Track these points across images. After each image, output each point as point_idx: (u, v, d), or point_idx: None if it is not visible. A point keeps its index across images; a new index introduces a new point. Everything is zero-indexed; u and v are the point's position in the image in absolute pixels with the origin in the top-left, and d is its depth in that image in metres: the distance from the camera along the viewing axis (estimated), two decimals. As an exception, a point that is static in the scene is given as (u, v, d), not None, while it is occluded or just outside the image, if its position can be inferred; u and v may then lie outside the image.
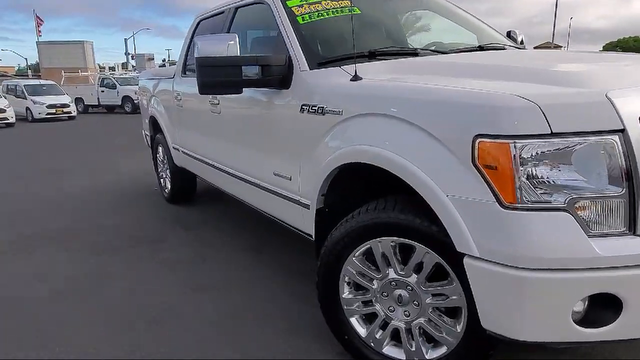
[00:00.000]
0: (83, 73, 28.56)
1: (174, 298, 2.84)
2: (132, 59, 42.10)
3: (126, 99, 22.25)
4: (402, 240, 1.81)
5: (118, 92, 22.50)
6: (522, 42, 3.52)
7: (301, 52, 2.39)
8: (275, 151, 2.58)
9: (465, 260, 1.56)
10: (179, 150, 4.35)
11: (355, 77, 2.02)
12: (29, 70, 48.87)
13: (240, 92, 2.45)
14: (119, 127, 14.69)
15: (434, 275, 1.80)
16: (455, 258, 1.64)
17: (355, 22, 2.81)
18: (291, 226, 2.64)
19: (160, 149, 5.06)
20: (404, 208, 1.81)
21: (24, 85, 19.69)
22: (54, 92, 19.75)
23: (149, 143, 5.55)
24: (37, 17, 34.18)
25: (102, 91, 23.07)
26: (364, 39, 2.68)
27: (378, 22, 3.07)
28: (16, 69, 68.03)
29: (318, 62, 2.33)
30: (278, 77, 2.40)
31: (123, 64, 40.50)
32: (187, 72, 4.01)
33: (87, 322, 2.59)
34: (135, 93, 21.76)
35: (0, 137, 13.23)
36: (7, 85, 20.79)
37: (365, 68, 2.11)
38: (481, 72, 1.88)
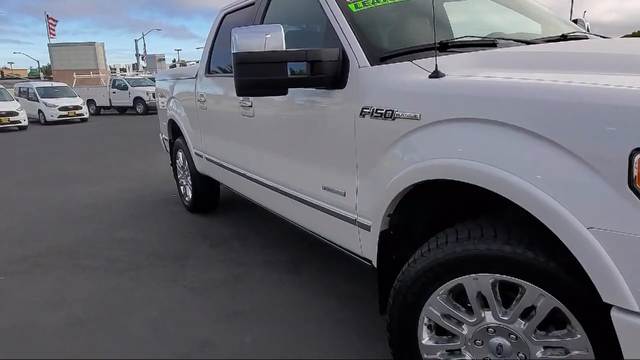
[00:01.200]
0: (94, 75, 28.44)
1: (207, 329, 2.48)
2: (142, 60, 42.05)
3: (138, 100, 22.07)
4: (506, 277, 1.43)
5: (130, 93, 22.32)
6: (588, 31, 3.11)
7: (358, 45, 2.01)
8: (325, 161, 2.21)
9: (615, 314, 1.18)
10: (202, 157, 4.00)
11: (436, 74, 1.64)
12: (41, 73, 49.10)
13: (285, 93, 2.08)
14: (132, 129, 14.46)
15: (548, 321, 1.43)
16: (587, 306, 1.27)
17: (411, 9, 2.44)
18: (343, 248, 2.28)
19: (180, 154, 4.73)
20: (510, 237, 1.43)
21: (36, 88, 19.55)
22: (66, 94, 19.59)
23: (168, 147, 5.22)
24: (50, 17, 34.14)
25: (114, 92, 22.90)
26: (423, 29, 2.31)
27: (430, 10, 2.68)
28: (28, 71, 68.53)
29: (380, 56, 1.95)
30: (330, 75, 2.03)
31: (134, 65, 40.46)
32: (211, 72, 3.65)
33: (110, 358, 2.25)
34: (147, 94, 21.64)
35: (13, 140, 13.05)
36: (20, 87, 20.69)
37: (443, 62, 1.73)
38: (608, 64, 1.49)
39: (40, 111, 18.56)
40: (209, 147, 3.78)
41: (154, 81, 5.93)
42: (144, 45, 41.04)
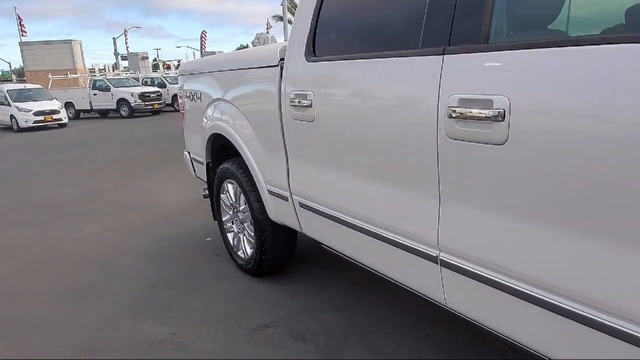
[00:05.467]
0: (72, 75, 26.09)
1: None
2: (122, 59, 39.55)
3: (122, 101, 20.11)
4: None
5: (112, 95, 20.32)
6: None
7: None
8: None
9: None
10: (287, 200, 2.37)
11: None
12: (13, 75, 46.11)
13: None
14: (120, 136, 12.61)
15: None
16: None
17: None
18: None
19: (229, 187, 3.09)
20: None
21: (7, 91, 17.36)
22: (42, 97, 17.49)
23: (200, 173, 3.57)
24: (19, 17, 31.43)
25: (95, 94, 20.82)
26: None
27: None
28: (-1, 74, 64.85)
29: None
30: None
31: (114, 65, 37.83)
32: (318, 52, 2.03)
33: None
34: (132, 95, 19.67)
35: (-20, 153, 11.10)
36: (-12, 91, 18.50)
37: None
38: None
39: (12, 117, 16.46)
40: (314, 188, 2.15)
41: (143, 80, 4.24)
42: (126, 42, 38.20)
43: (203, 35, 30.70)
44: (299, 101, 2.07)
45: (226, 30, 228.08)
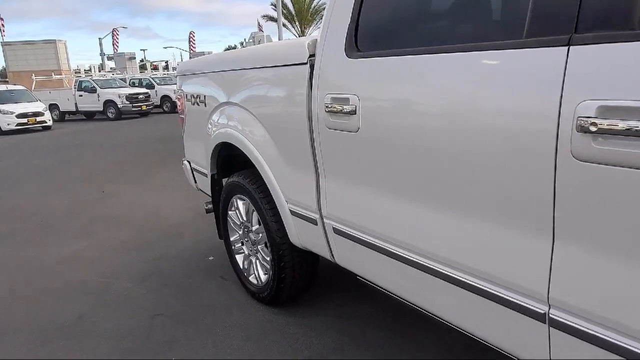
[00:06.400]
0: (57, 76, 25.31)
1: None
2: (108, 60, 38.69)
3: (108, 103, 19.53)
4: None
5: (99, 96, 19.73)
6: None
7: None
8: None
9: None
10: (316, 223, 1.99)
11: None
12: (-5, 76, 44.94)
13: None
14: (107, 139, 12.07)
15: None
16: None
17: None
18: None
19: (239, 203, 2.69)
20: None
21: (-12, 93, 16.74)
22: (25, 99, 16.85)
23: (204, 187, 3.17)
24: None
25: (80, 95, 20.19)
26: None
27: None
28: (-19, 74, 63.23)
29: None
30: None
31: (99, 65, 36.95)
32: (363, 46, 1.64)
33: None
34: (119, 96, 19.07)
35: (-41, 158, 10.50)
36: (-31, 93, 17.76)
37: None
38: None
39: (-7, 119, 15.84)
40: (355, 212, 1.77)
41: (131, 81, 3.82)
42: (114, 42, 37.00)
43: (191, 35, 30.12)
44: (338, 107, 1.69)
45: (214, 31, 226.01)
